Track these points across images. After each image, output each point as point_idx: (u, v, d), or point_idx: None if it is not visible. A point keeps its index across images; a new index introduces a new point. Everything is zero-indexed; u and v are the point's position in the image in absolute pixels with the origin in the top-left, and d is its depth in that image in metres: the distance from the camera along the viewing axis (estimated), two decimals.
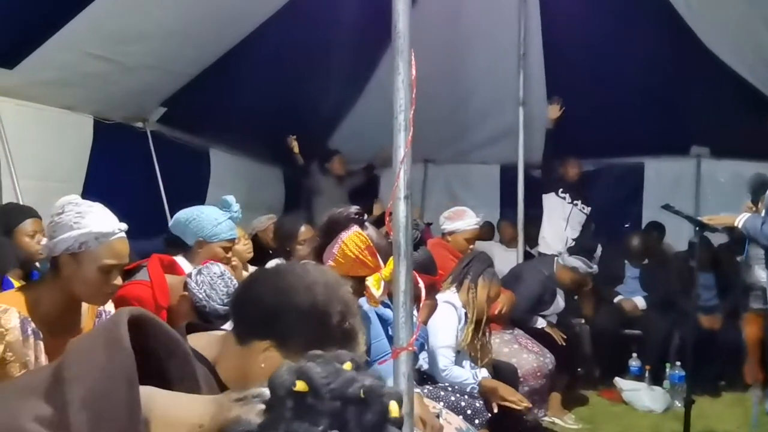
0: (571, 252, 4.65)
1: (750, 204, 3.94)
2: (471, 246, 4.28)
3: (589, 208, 5.54)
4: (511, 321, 4.22)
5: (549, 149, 5.47)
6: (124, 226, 1.89)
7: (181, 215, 2.86)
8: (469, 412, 2.97)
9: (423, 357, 3.18)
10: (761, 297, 4.11)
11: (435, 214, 5.37)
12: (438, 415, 2.64)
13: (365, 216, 2.17)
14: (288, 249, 3.63)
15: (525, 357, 3.95)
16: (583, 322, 5.18)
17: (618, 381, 4.83)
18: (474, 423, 2.92)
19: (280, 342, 1.20)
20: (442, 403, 2.88)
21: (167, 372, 0.98)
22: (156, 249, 2.84)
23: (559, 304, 4.63)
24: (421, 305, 2.72)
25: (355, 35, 4.81)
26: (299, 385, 0.73)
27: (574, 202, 5.48)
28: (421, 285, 2.05)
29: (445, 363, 3.16)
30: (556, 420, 4.27)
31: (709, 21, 4.70)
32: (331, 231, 2.10)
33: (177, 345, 1.00)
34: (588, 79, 5.30)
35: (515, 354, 3.94)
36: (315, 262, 2.10)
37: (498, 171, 6.68)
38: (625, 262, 5.54)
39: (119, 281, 1.91)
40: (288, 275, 1.28)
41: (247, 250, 3.68)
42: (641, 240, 5.48)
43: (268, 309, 1.23)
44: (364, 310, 2.25)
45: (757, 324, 4.27)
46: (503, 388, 3.18)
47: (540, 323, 4.48)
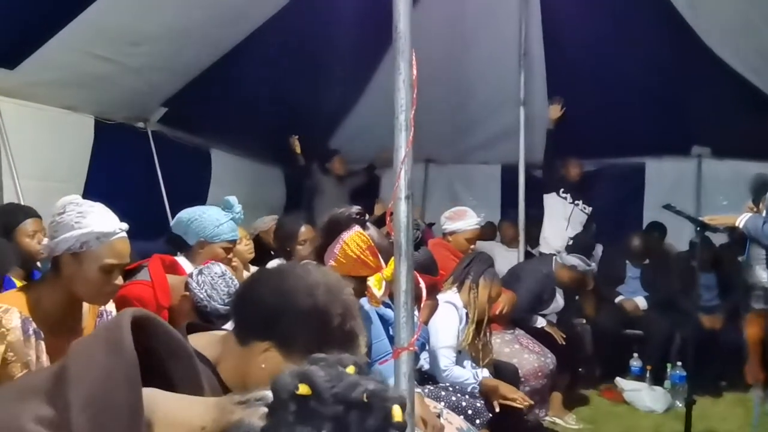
0: (570, 250, 4.65)
1: (751, 204, 3.94)
2: (472, 246, 4.28)
3: (590, 208, 5.53)
4: (512, 321, 4.22)
5: (550, 149, 5.47)
6: (125, 225, 1.89)
7: (183, 215, 2.87)
8: (470, 412, 2.97)
9: (424, 357, 3.18)
10: (762, 297, 4.10)
11: (436, 214, 5.37)
12: (439, 415, 2.64)
13: (366, 216, 2.17)
14: (288, 249, 3.62)
15: (526, 357, 3.95)
16: (584, 322, 5.18)
17: (619, 381, 4.83)
18: (475, 423, 2.92)
19: (280, 343, 1.20)
20: (443, 403, 2.88)
21: (170, 373, 0.97)
22: (157, 249, 2.83)
23: (559, 302, 4.63)
24: (422, 305, 2.72)
25: (356, 35, 4.81)
26: (302, 389, 0.72)
27: (575, 202, 5.48)
28: (422, 285, 2.05)
29: (446, 363, 3.16)
30: (557, 420, 4.27)
31: (711, 20, 4.70)
32: (333, 231, 2.09)
33: (180, 346, 1.00)
34: (589, 79, 5.29)
35: (516, 354, 3.94)
36: (316, 262, 2.11)
37: (499, 171, 6.67)
38: (627, 262, 5.54)
39: (120, 281, 1.91)
40: (289, 276, 1.28)
41: (249, 250, 3.68)
42: (642, 240, 5.48)
43: (269, 310, 1.23)
44: (365, 310, 2.25)
45: (759, 324, 4.25)
46: (504, 386, 3.18)
47: (540, 322, 4.47)
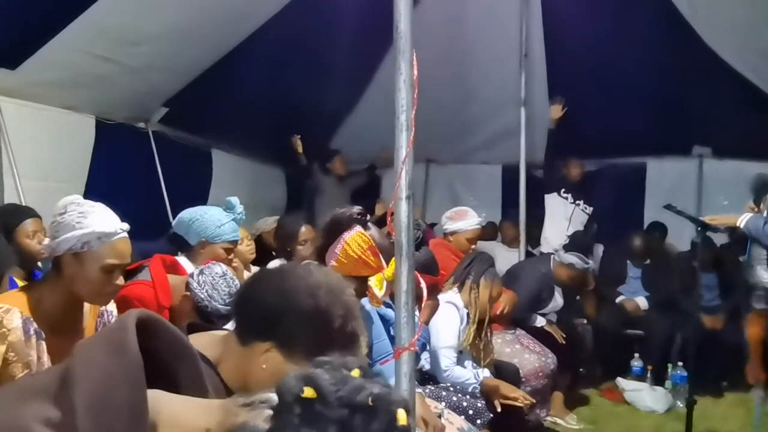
0: (568, 249, 4.64)
1: (752, 204, 3.93)
2: (473, 246, 4.28)
3: (591, 208, 5.53)
4: (512, 321, 4.22)
5: (551, 149, 5.46)
6: (126, 226, 1.89)
7: (185, 215, 2.87)
8: (471, 412, 2.96)
9: (425, 357, 3.18)
10: (763, 297, 4.10)
11: (437, 214, 5.37)
12: (440, 415, 2.64)
13: (367, 216, 2.17)
14: (289, 249, 3.62)
15: (527, 357, 3.95)
16: (585, 322, 5.17)
17: (620, 381, 4.83)
18: (476, 423, 2.92)
19: (281, 343, 1.20)
20: (443, 404, 2.88)
21: (175, 375, 0.98)
22: (158, 249, 2.84)
23: (558, 301, 4.63)
24: (423, 305, 2.72)
25: (357, 35, 4.81)
26: (307, 392, 0.72)
27: (576, 202, 5.48)
28: (423, 285, 2.04)
29: (447, 363, 3.16)
30: (558, 420, 4.27)
31: (711, 21, 4.69)
32: (334, 231, 2.09)
33: (184, 348, 1.00)
34: (590, 79, 5.29)
35: (517, 354, 3.94)
36: (317, 262, 2.11)
37: (500, 171, 6.68)
38: (627, 262, 5.54)
39: (121, 281, 1.90)
40: (291, 277, 1.27)
41: (250, 251, 3.68)
42: (643, 240, 5.48)
43: (270, 310, 1.23)
44: (366, 309, 2.25)
45: (760, 324, 4.25)
46: (505, 386, 3.18)
47: (539, 322, 4.47)
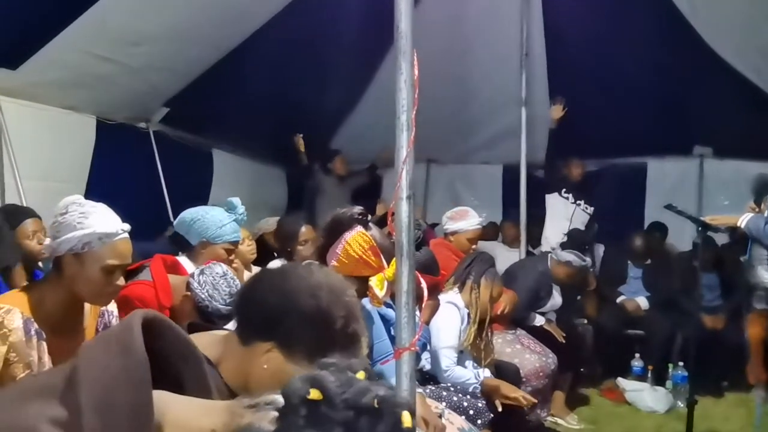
0: (564, 247, 4.63)
1: (753, 204, 3.93)
2: (473, 246, 4.28)
3: (592, 208, 5.53)
4: (513, 321, 4.22)
5: (552, 149, 5.47)
6: (127, 226, 1.89)
7: (187, 215, 2.86)
8: (472, 412, 2.96)
9: (425, 357, 3.18)
10: (764, 297, 4.11)
11: (437, 214, 5.37)
12: (440, 415, 2.64)
13: (368, 216, 2.17)
14: (289, 250, 3.62)
15: (527, 357, 3.95)
16: (586, 322, 5.17)
17: (621, 381, 4.82)
18: (476, 423, 2.92)
19: (283, 344, 1.20)
20: (444, 404, 2.88)
21: (179, 375, 0.98)
22: (158, 249, 2.84)
23: (556, 300, 4.62)
24: (424, 305, 2.72)
25: (358, 35, 4.81)
26: (313, 394, 0.73)
27: (577, 202, 5.47)
28: (424, 285, 2.04)
29: (448, 363, 3.16)
30: (558, 420, 4.27)
31: (712, 20, 4.69)
32: (335, 231, 2.09)
33: (189, 348, 1.00)
34: (590, 79, 5.29)
35: (518, 354, 3.94)
36: (318, 262, 2.11)
37: (500, 171, 6.68)
38: (628, 262, 5.54)
39: (122, 282, 1.90)
40: (292, 277, 1.27)
41: (251, 251, 3.67)
42: (644, 240, 5.48)
43: (271, 310, 1.22)
44: (366, 309, 2.25)
45: (761, 324, 4.25)
46: (505, 386, 3.17)
47: (538, 320, 4.47)
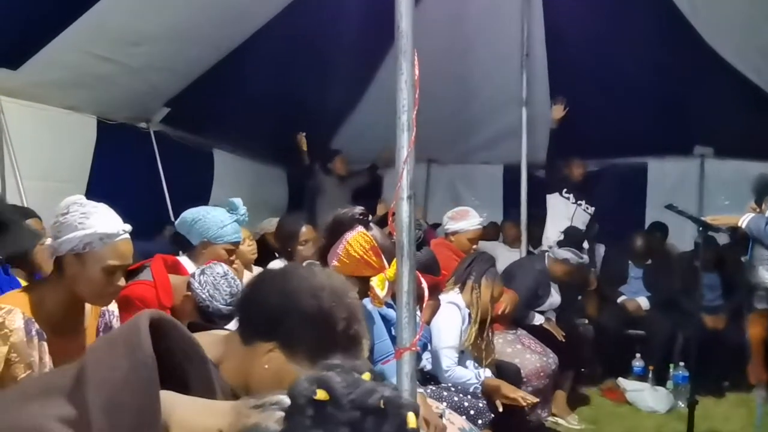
0: (561, 244, 4.63)
1: (754, 204, 3.93)
2: (474, 246, 4.28)
3: (593, 208, 5.52)
4: (513, 320, 4.21)
5: (553, 149, 5.46)
6: (128, 227, 1.89)
7: (188, 215, 2.86)
8: (472, 412, 2.96)
9: (426, 357, 3.18)
10: (765, 297, 4.10)
11: (438, 214, 5.37)
12: (441, 416, 2.64)
13: (369, 216, 2.17)
14: (290, 250, 3.62)
15: (528, 357, 3.94)
16: (587, 322, 5.17)
17: (621, 381, 4.82)
18: (477, 423, 2.91)
19: (285, 344, 1.20)
20: (445, 404, 2.88)
21: (185, 375, 0.98)
22: (159, 249, 2.84)
23: (555, 298, 4.62)
24: (424, 305, 2.71)
25: (358, 35, 4.81)
26: (320, 394, 0.74)
27: (578, 202, 5.46)
28: (424, 285, 2.04)
29: (448, 363, 3.16)
30: (559, 420, 4.27)
31: (713, 20, 4.69)
32: (336, 231, 2.09)
33: (194, 349, 1.00)
34: (591, 79, 5.29)
35: (518, 354, 3.94)
36: (319, 262, 2.11)
37: (501, 171, 6.68)
38: (629, 262, 5.53)
39: (123, 282, 1.90)
40: (295, 278, 1.28)
41: (251, 251, 3.67)
42: (644, 240, 5.47)
43: (274, 311, 1.23)
44: (367, 309, 2.25)
45: (762, 324, 4.25)
46: (506, 386, 3.17)
47: (537, 319, 4.47)
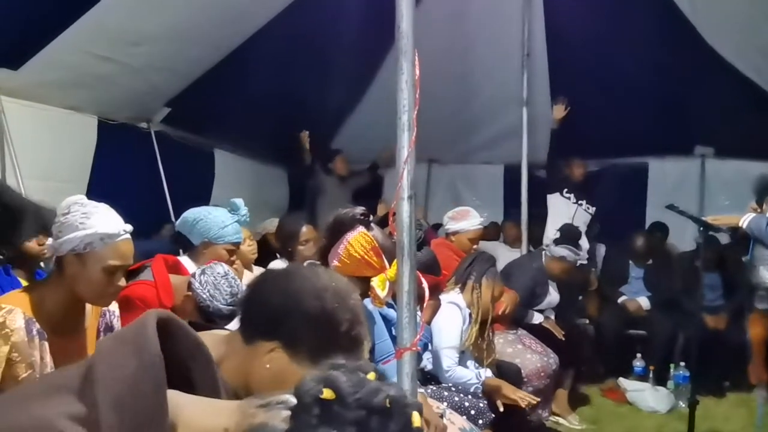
0: (558, 242, 4.64)
1: (754, 204, 3.93)
2: (475, 246, 4.28)
3: (594, 208, 5.52)
4: (514, 320, 4.21)
5: (553, 149, 5.46)
6: (129, 227, 1.88)
7: (189, 215, 2.85)
8: (473, 412, 2.97)
9: (427, 357, 3.18)
10: (766, 297, 4.10)
11: (439, 214, 5.37)
12: (442, 416, 2.64)
13: (370, 217, 2.17)
14: (290, 250, 3.62)
15: (529, 357, 3.94)
16: (587, 322, 5.17)
17: (622, 381, 4.83)
18: (478, 423, 2.92)
19: (287, 344, 1.20)
20: (445, 404, 2.88)
21: (190, 375, 0.98)
22: (159, 249, 2.83)
23: (553, 296, 4.62)
24: (425, 305, 2.72)
25: (359, 35, 4.81)
26: (326, 393, 0.74)
27: (578, 202, 5.46)
28: (425, 285, 2.05)
29: (449, 363, 3.16)
30: (560, 420, 4.27)
31: (713, 20, 4.69)
32: (337, 231, 2.10)
33: (199, 349, 1.01)
34: (591, 79, 5.29)
35: (519, 354, 3.94)
36: (320, 262, 2.11)
37: (502, 171, 6.67)
38: (630, 262, 5.53)
39: (123, 282, 1.90)
40: (299, 279, 1.28)
41: (252, 251, 3.67)
42: (645, 240, 5.47)
43: (277, 310, 1.23)
44: (368, 309, 2.25)
45: (762, 324, 4.25)
46: (507, 387, 3.17)
47: (536, 318, 4.47)
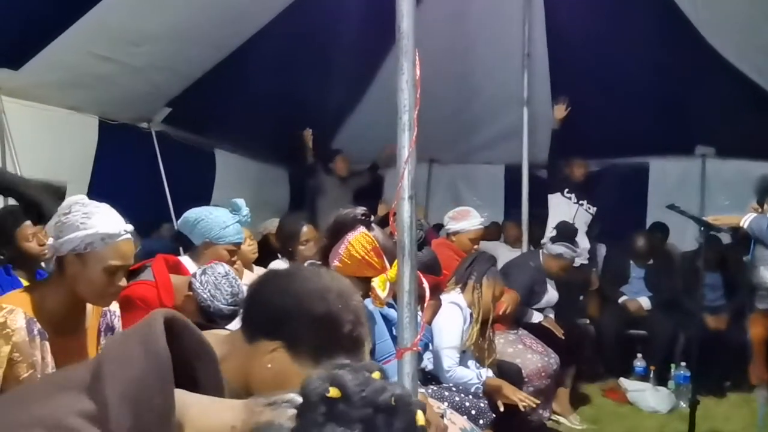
0: (554, 240, 4.64)
1: (755, 205, 3.93)
2: (475, 246, 4.28)
3: (595, 208, 5.52)
4: (515, 321, 4.21)
5: (554, 149, 5.46)
6: (130, 227, 1.88)
7: (190, 215, 2.85)
8: (474, 412, 2.97)
9: (427, 357, 3.18)
10: (767, 297, 4.11)
11: (439, 214, 5.37)
12: (442, 416, 2.64)
13: (371, 217, 2.17)
14: (291, 250, 3.62)
15: (529, 357, 3.94)
16: (588, 322, 5.17)
17: (623, 381, 4.83)
18: (478, 423, 2.92)
19: (289, 344, 1.21)
20: (446, 404, 2.88)
21: (195, 374, 0.98)
22: (160, 249, 2.84)
23: (552, 295, 4.61)
24: (426, 305, 2.72)
25: (359, 35, 4.81)
26: (332, 392, 0.75)
27: (579, 202, 5.46)
28: (426, 285, 2.05)
29: (450, 363, 3.16)
30: (561, 420, 4.27)
31: (714, 20, 4.68)
32: (338, 232, 2.10)
33: (204, 348, 1.01)
34: (592, 79, 5.29)
35: (520, 354, 3.93)
36: (321, 262, 2.11)
37: (502, 171, 6.68)
38: (630, 262, 5.53)
39: (124, 282, 1.90)
40: (302, 279, 1.29)
41: (252, 251, 3.67)
42: (646, 240, 5.47)
43: (280, 310, 1.23)
44: (368, 309, 2.25)
45: (763, 324, 4.26)
46: (508, 387, 3.17)
47: (535, 317, 4.47)
